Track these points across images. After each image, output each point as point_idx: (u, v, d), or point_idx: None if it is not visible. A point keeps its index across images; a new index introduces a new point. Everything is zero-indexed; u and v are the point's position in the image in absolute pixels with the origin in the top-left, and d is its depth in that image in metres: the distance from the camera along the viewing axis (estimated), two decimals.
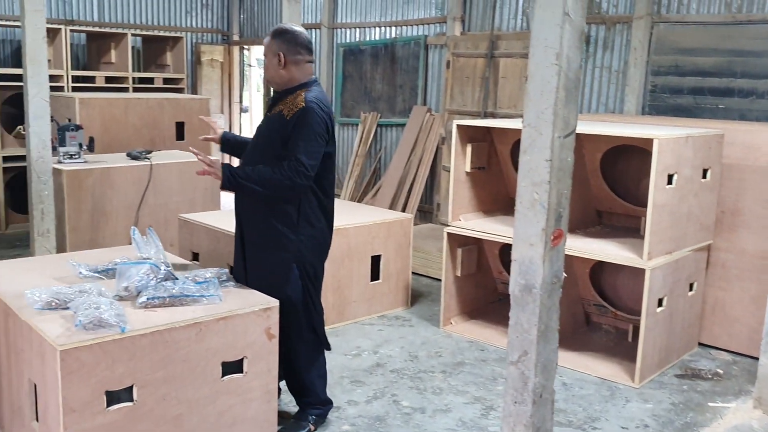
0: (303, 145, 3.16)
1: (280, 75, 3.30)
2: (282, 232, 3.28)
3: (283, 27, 3.35)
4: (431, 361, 4.44)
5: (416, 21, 7.96)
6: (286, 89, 3.33)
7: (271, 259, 3.33)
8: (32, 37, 4.79)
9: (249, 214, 3.39)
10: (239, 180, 3.19)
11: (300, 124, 3.18)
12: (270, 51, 3.30)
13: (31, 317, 2.87)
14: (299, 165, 3.15)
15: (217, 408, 3.06)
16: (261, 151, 3.33)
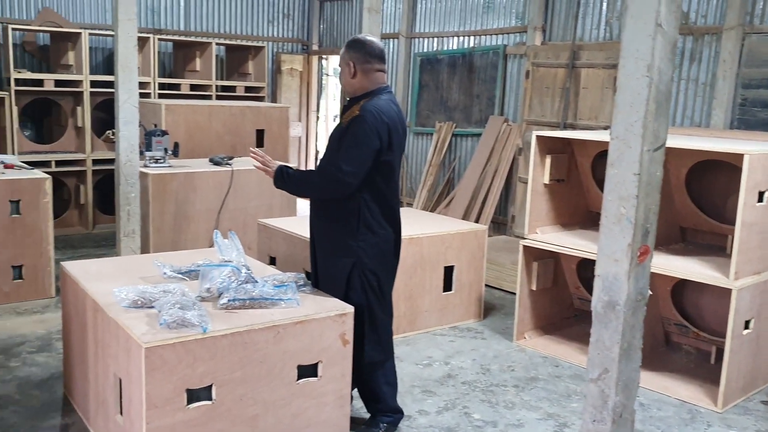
0: (346, 152, 3.22)
1: (351, 83, 3.39)
2: (343, 238, 3.32)
3: (356, 37, 3.41)
4: (504, 375, 4.38)
5: (495, 30, 7.92)
6: (356, 97, 3.38)
7: (334, 264, 3.37)
8: (124, 45, 5.00)
9: (317, 220, 3.47)
10: (286, 179, 3.37)
11: (350, 132, 3.24)
12: (343, 60, 3.38)
13: (119, 315, 2.98)
14: (338, 171, 3.20)
15: (291, 410, 3.11)
16: (326, 158, 3.39)
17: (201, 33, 9.17)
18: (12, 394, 3.79)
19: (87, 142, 7.61)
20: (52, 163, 7.36)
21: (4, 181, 5.13)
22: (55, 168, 7.37)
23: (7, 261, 5.18)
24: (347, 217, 3.30)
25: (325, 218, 3.39)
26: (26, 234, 5.24)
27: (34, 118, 8.08)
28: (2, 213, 5.11)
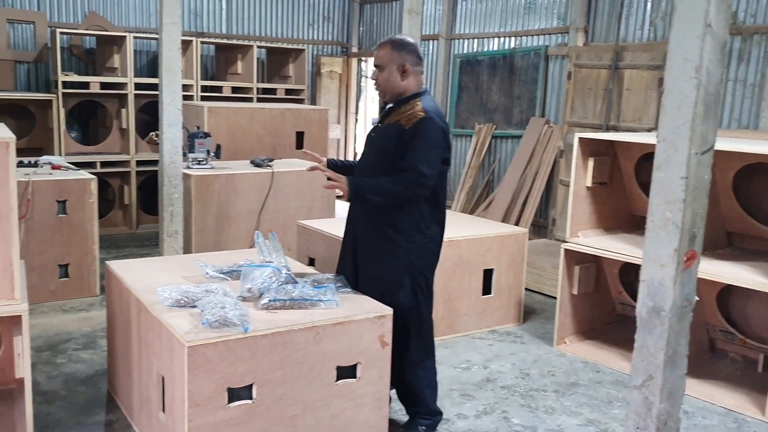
0: (422, 154, 3.19)
1: (399, 85, 3.31)
2: (394, 239, 3.31)
3: (402, 38, 3.36)
4: (543, 380, 4.33)
5: (537, 31, 7.85)
6: (400, 99, 3.35)
7: (383, 266, 3.35)
8: (168, 48, 5.09)
9: (364, 222, 3.42)
10: (363, 193, 3.23)
11: (419, 134, 3.20)
12: (391, 61, 3.29)
13: (162, 313, 3.03)
14: (420, 175, 3.17)
15: (330, 411, 3.12)
16: (376, 162, 3.35)
17: (243, 36, 9.28)
18: (59, 390, 3.88)
19: (131, 144, 7.75)
20: (98, 164, 7.52)
21: (51, 182, 5.25)
22: (100, 169, 7.53)
23: (53, 260, 5.31)
24: (399, 217, 3.29)
25: (374, 220, 3.33)
26: (72, 233, 5.36)
27: (80, 120, 8.27)
28: (49, 213, 5.24)
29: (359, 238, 3.47)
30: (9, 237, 2.93)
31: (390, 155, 3.27)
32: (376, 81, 3.37)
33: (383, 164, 3.29)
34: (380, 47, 3.35)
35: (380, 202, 3.24)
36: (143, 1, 8.50)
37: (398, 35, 3.41)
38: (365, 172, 3.39)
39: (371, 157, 3.42)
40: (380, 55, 3.33)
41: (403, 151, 3.23)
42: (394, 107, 3.36)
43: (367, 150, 3.49)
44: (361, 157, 3.58)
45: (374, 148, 3.41)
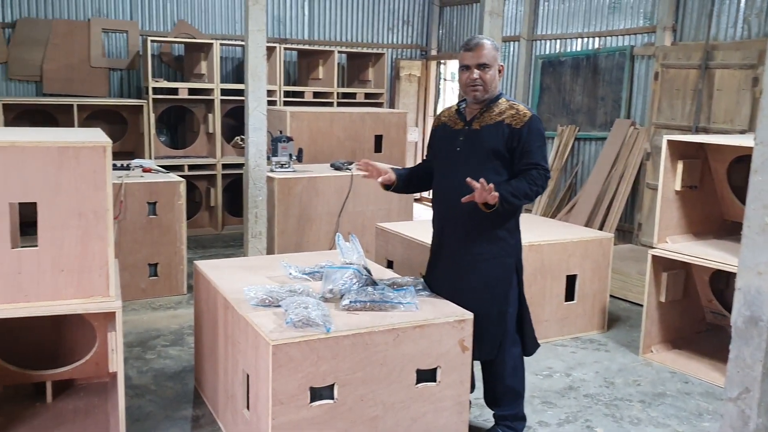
0: (541, 151, 3.26)
1: (496, 86, 3.31)
2: (504, 237, 3.31)
3: (491, 39, 3.34)
4: (629, 389, 4.21)
5: (622, 31, 7.64)
6: (489, 100, 3.32)
7: (496, 265, 3.31)
8: (254, 54, 5.22)
9: (468, 226, 3.29)
10: (509, 201, 3.15)
11: (532, 133, 3.23)
12: (495, 61, 3.27)
13: (248, 312, 3.10)
14: (546, 172, 3.24)
15: (410, 413, 3.12)
16: (479, 163, 3.25)
17: (324, 42, 9.43)
18: (148, 384, 4.03)
19: (217, 148, 7.99)
20: (185, 167, 7.78)
21: (143, 184, 5.47)
22: (188, 172, 7.80)
23: (144, 259, 5.53)
24: (507, 216, 3.28)
25: (483, 222, 3.25)
26: (162, 234, 5.57)
27: (169, 125, 8.59)
28: (140, 214, 5.46)
29: (460, 246, 3.34)
30: (105, 237, 3.07)
31: (500, 155, 3.25)
32: (479, 80, 3.25)
33: (491, 164, 3.25)
34: (482, 46, 3.24)
35: (519, 204, 3.26)
36: (229, 9, 8.75)
37: (483, 36, 3.38)
38: (459, 173, 3.25)
39: (468, 158, 3.30)
40: (488, 55, 3.25)
41: (511, 151, 3.24)
42: (484, 109, 3.31)
43: (458, 152, 3.33)
44: (445, 161, 3.43)
45: (474, 149, 3.30)
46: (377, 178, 3.52)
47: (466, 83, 3.28)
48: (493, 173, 3.25)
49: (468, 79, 3.27)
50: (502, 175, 3.27)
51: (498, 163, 3.26)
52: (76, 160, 2.98)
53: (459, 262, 3.36)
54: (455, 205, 3.26)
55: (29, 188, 2.93)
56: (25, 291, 2.99)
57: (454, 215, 3.33)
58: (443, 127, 3.48)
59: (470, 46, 3.27)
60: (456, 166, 3.34)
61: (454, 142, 3.37)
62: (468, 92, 3.31)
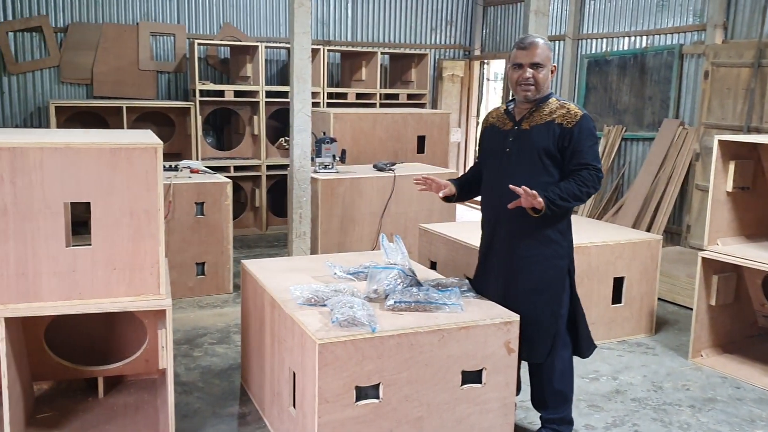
0: (593, 151, 3.23)
1: (547, 85, 3.29)
2: (556, 240, 3.28)
3: (545, 39, 3.30)
4: (677, 394, 4.12)
5: (670, 29, 7.50)
6: (539, 100, 3.29)
7: (548, 268, 3.29)
8: (299, 56, 5.26)
9: (519, 229, 3.26)
10: (557, 204, 3.13)
11: (584, 132, 3.20)
12: (548, 61, 3.24)
13: (294, 311, 3.14)
14: (599, 173, 3.20)
15: (455, 415, 3.11)
16: (530, 163, 3.23)
17: (367, 43, 9.46)
18: (196, 382, 4.10)
19: (262, 149, 8.09)
20: (231, 168, 7.89)
21: (191, 185, 5.56)
22: (233, 173, 7.90)
23: (192, 258, 5.62)
24: (558, 217, 3.26)
25: (534, 225, 3.21)
26: (209, 233, 5.65)
27: (215, 127, 8.72)
28: (189, 214, 5.55)
29: (511, 248, 3.31)
30: (156, 236, 3.13)
31: (551, 155, 3.22)
32: (531, 79, 3.22)
33: (542, 165, 3.22)
34: (535, 45, 3.21)
35: (569, 207, 3.22)
36: (274, 12, 8.85)
37: (536, 35, 3.34)
38: (512, 173, 3.24)
39: (518, 159, 3.26)
40: (542, 54, 3.22)
41: (562, 151, 3.21)
42: (534, 108, 3.28)
43: (507, 153, 3.30)
44: (491, 162, 3.40)
45: (524, 150, 3.26)
46: (437, 192, 3.54)
47: (518, 82, 3.25)
48: (544, 173, 3.23)
49: (520, 78, 3.24)
50: (553, 176, 3.24)
51: (548, 163, 3.24)
52: (129, 160, 3.05)
53: (510, 265, 3.33)
54: (505, 207, 3.22)
55: (83, 188, 3.01)
56: (79, 289, 3.07)
57: (504, 217, 3.29)
58: (492, 128, 3.46)
59: (524, 45, 3.24)
60: (506, 167, 3.31)
61: (504, 142, 3.34)
62: (519, 91, 3.28)
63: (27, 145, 2.92)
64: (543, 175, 3.23)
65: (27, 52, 7.62)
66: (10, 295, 2.97)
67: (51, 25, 7.65)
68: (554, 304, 3.30)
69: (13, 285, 2.97)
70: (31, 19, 7.54)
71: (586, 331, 3.46)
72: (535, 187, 3.15)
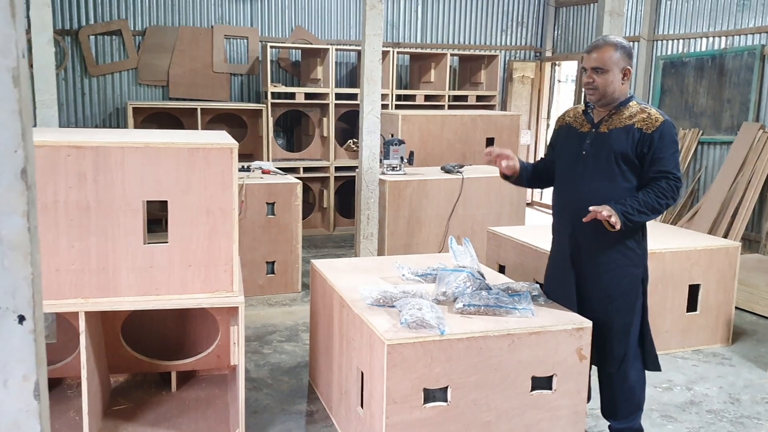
0: (674, 159, 3.12)
1: (619, 89, 3.17)
2: (630, 246, 3.20)
3: (621, 41, 3.19)
4: (757, 407, 3.96)
5: (751, 29, 7.22)
6: (618, 102, 3.20)
7: (622, 276, 3.21)
8: (370, 58, 5.30)
9: (592, 235, 3.18)
10: (634, 219, 3.06)
11: (665, 139, 3.10)
12: (615, 65, 3.13)
13: (363, 311, 3.15)
14: (678, 182, 3.11)
15: (524, 421, 3.07)
16: (607, 168, 3.16)
17: (436, 45, 9.44)
18: (265, 378, 4.17)
19: (331, 151, 8.17)
20: (300, 169, 8.01)
21: (262, 185, 5.67)
22: (303, 174, 8.02)
23: (262, 257, 5.73)
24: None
25: (607, 231, 3.12)
26: (279, 233, 5.75)
27: (285, 128, 8.86)
28: (260, 213, 5.66)
29: (585, 255, 3.25)
30: (230, 234, 3.21)
31: (629, 160, 3.14)
32: (593, 83, 3.16)
33: (619, 170, 3.15)
34: (601, 49, 3.15)
35: (646, 220, 3.15)
36: (344, 15, 8.93)
37: (612, 37, 3.23)
38: (588, 177, 3.19)
39: (595, 163, 3.19)
40: (604, 58, 3.14)
41: (640, 157, 3.12)
42: (613, 111, 3.20)
43: (583, 156, 3.22)
44: (566, 164, 3.32)
45: (601, 153, 3.18)
46: (500, 162, 3.38)
47: (584, 85, 3.24)
48: (621, 179, 3.15)
49: (585, 82, 3.22)
50: (630, 182, 3.16)
51: (626, 168, 3.15)
52: (206, 160, 3.13)
53: (583, 272, 3.27)
54: (580, 211, 3.15)
55: (162, 187, 3.10)
56: (156, 284, 3.17)
57: (578, 222, 3.19)
58: (568, 128, 3.38)
59: (590, 48, 3.21)
60: (581, 170, 3.24)
61: (581, 145, 3.26)
62: (587, 94, 3.26)
63: (109, 144, 3.03)
64: (620, 180, 3.16)
65: (107, 55, 7.92)
66: (91, 289, 3.09)
67: (130, 29, 7.93)
68: (627, 313, 3.23)
69: (94, 280, 3.09)
70: (111, 23, 7.84)
71: (652, 346, 3.36)
72: (611, 191, 3.12)
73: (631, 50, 3.21)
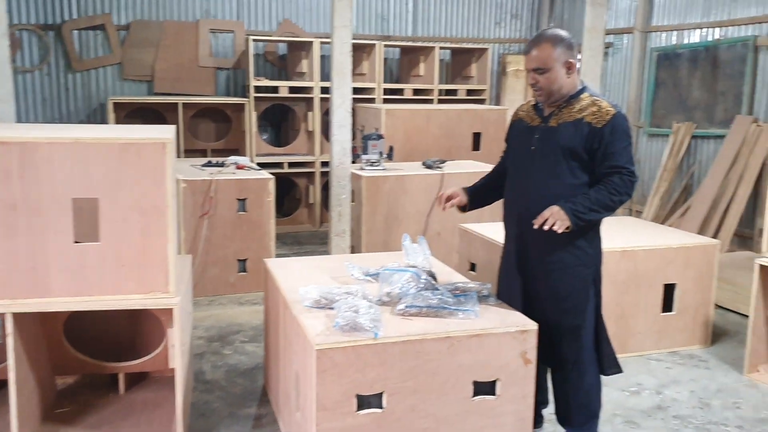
0: (626, 153, 2.99)
1: (567, 83, 3.03)
2: (581, 246, 3.07)
3: (557, 32, 3.03)
4: (725, 413, 3.80)
5: (745, 20, 7.00)
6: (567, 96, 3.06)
7: (572, 276, 3.09)
8: (339, 50, 5.18)
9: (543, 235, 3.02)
10: (585, 218, 2.96)
11: (616, 132, 2.96)
12: (555, 61, 2.98)
13: (300, 313, 3.04)
14: (632, 176, 2.97)
15: (466, 427, 2.94)
16: (555, 163, 3.04)
17: (426, 38, 9.28)
18: (220, 380, 4.07)
19: (316, 145, 8.05)
20: (285, 164, 7.90)
21: (233, 181, 5.57)
22: (288, 169, 7.92)
23: (233, 254, 5.63)
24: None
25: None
26: (251, 230, 5.65)
27: (272, 123, 8.75)
28: (231, 210, 5.56)
29: (533, 254, 3.14)
30: (166, 233, 3.09)
31: (577, 156, 3.01)
32: (537, 84, 3.03)
33: (567, 166, 3.02)
34: (539, 47, 3.00)
35: (601, 217, 3.04)
36: None
37: (549, 31, 3.06)
38: (535, 175, 3.09)
39: (542, 158, 3.08)
40: (543, 57, 2.99)
41: (591, 152, 2.99)
42: (563, 105, 3.06)
43: (532, 151, 3.11)
44: (515, 160, 3.23)
45: (549, 149, 3.07)
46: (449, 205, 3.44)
47: (531, 86, 3.10)
48: (569, 175, 3.03)
49: (529, 84, 3.09)
50: (579, 178, 3.03)
51: (575, 164, 3.02)
52: (138, 156, 3.02)
53: (531, 272, 3.16)
54: (528, 208, 3.06)
55: (91, 184, 2.99)
56: (88, 285, 3.06)
57: (526, 219, 3.08)
58: (519, 123, 3.26)
59: (527, 48, 3.07)
60: (530, 167, 3.13)
61: (530, 139, 3.14)
62: (534, 95, 3.14)
63: (36, 140, 2.93)
64: (567, 176, 3.03)
65: (91, 50, 7.84)
66: (20, 290, 2.99)
67: (114, 23, 7.84)
68: (577, 314, 3.11)
69: (22, 280, 2.99)
70: (95, 18, 7.75)
71: (609, 349, 3.23)
72: (559, 188, 3.00)
73: (572, 41, 3.05)
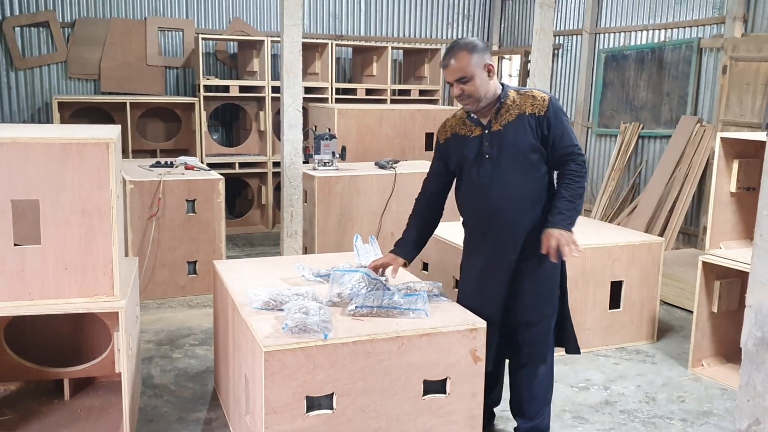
0: (571, 132, 3.11)
1: (492, 87, 3.06)
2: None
3: (469, 40, 3.05)
4: (671, 406, 3.89)
5: (689, 22, 7.18)
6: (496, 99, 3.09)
7: (551, 272, 3.20)
8: (289, 49, 5.14)
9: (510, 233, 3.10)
10: (575, 218, 3.09)
11: (559, 114, 3.07)
12: (476, 67, 3.00)
13: (249, 315, 3.00)
14: (583, 156, 3.12)
15: (417, 427, 2.95)
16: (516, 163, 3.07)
17: (379, 38, 9.29)
18: (169, 384, 4.00)
19: (268, 145, 7.98)
20: (236, 164, 7.81)
21: (181, 182, 5.48)
22: (239, 170, 7.83)
23: (183, 257, 5.53)
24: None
25: (526, 226, 3.09)
26: (201, 231, 5.56)
27: (223, 123, 8.65)
28: (179, 211, 5.47)
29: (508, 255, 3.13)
30: (109, 235, 3.03)
31: (535, 148, 3.07)
32: (463, 94, 3.04)
33: (528, 160, 3.07)
34: (456, 57, 3.01)
35: (581, 209, 3.15)
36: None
37: (460, 40, 3.07)
38: (499, 178, 3.09)
39: (501, 161, 3.08)
40: (463, 66, 2.99)
41: (543, 140, 3.07)
42: (498, 108, 3.09)
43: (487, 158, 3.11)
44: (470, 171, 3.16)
45: (505, 150, 3.08)
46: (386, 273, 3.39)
47: (456, 98, 3.12)
48: (532, 169, 3.09)
49: (455, 95, 3.09)
50: (540, 170, 3.11)
51: (535, 156, 3.09)
52: (80, 156, 2.96)
53: (507, 271, 3.16)
54: (502, 213, 3.11)
55: (31, 185, 2.92)
56: (29, 289, 2.99)
57: (497, 224, 3.13)
58: (456, 138, 3.24)
59: (445, 61, 3.07)
60: (489, 173, 3.13)
61: (479, 148, 3.14)
62: (463, 107, 3.18)
63: None
64: (531, 170, 3.10)
65: (34, 48, 7.62)
66: None
67: (58, 20, 7.64)
68: (545, 307, 3.23)
69: None
70: (38, 14, 7.54)
71: (572, 327, 3.37)
72: (526, 184, 3.09)
73: (484, 44, 3.08)
